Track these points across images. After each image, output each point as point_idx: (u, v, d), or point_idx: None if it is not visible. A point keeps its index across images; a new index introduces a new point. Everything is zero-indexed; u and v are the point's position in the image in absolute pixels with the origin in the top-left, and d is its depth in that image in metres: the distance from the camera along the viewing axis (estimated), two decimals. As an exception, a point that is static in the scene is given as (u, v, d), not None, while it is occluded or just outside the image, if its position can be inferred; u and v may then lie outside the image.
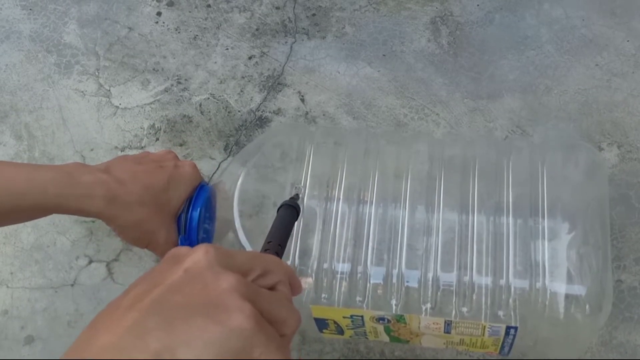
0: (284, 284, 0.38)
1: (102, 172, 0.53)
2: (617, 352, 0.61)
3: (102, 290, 0.66)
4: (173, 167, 0.56)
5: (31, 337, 0.64)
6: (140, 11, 0.83)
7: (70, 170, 0.52)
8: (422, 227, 0.54)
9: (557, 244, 0.52)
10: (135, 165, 0.55)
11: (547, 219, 0.53)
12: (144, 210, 0.53)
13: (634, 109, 0.74)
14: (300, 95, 0.77)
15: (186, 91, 0.77)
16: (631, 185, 0.70)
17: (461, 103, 0.75)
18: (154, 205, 0.54)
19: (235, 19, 0.82)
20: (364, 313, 0.53)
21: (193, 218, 0.56)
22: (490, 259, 0.52)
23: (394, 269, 0.53)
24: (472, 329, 0.53)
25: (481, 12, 0.82)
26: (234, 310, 0.32)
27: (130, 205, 0.52)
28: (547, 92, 0.76)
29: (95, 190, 0.51)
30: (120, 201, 0.52)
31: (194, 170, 0.58)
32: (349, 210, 0.55)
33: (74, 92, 0.77)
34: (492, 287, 0.52)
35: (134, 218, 0.53)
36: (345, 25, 0.81)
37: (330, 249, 0.54)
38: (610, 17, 0.81)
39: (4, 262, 0.67)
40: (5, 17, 0.83)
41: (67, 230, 0.69)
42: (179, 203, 0.56)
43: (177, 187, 0.56)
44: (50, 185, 0.50)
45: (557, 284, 0.51)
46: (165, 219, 0.55)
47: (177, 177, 0.56)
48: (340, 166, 0.57)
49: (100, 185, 0.51)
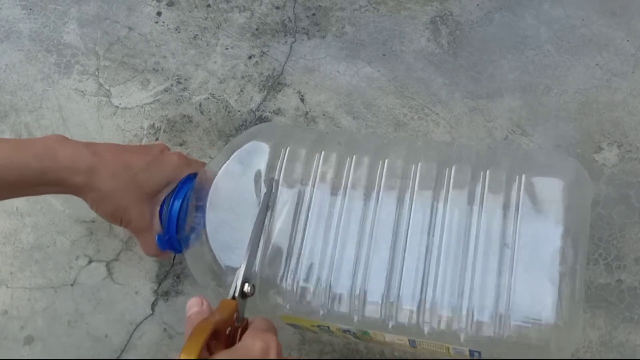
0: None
1: (81, 145, 0.54)
2: (617, 352, 0.61)
3: (102, 290, 0.66)
4: (158, 152, 0.57)
5: (31, 337, 0.64)
6: (140, 11, 0.83)
7: (52, 143, 0.53)
8: (387, 246, 0.52)
9: (525, 270, 0.50)
10: (119, 145, 0.56)
11: (517, 244, 0.51)
12: (119, 184, 0.53)
13: (634, 108, 0.74)
14: (300, 95, 0.77)
15: (186, 91, 0.77)
16: (631, 185, 0.70)
17: (461, 103, 0.75)
18: (130, 181, 0.54)
19: (235, 18, 0.82)
20: (329, 325, 0.53)
21: (173, 208, 0.55)
22: (454, 282, 0.51)
23: (355, 285, 0.52)
24: (437, 347, 0.52)
25: (481, 12, 0.82)
26: None
27: (106, 177, 0.53)
28: (547, 91, 0.76)
29: (77, 163, 0.52)
30: (97, 173, 0.53)
31: (180, 159, 0.58)
32: (317, 223, 0.54)
33: (74, 92, 0.77)
34: (453, 312, 0.50)
35: (109, 188, 0.53)
36: (345, 24, 0.81)
37: (297, 262, 0.53)
38: (610, 17, 0.81)
39: (4, 262, 0.67)
40: (5, 16, 0.83)
41: (67, 230, 0.69)
42: (158, 186, 0.56)
43: (157, 170, 0.56)
44: (33, 159, 0.51)
45: (522, 311, 0.49)
46: (140, 197, 0.55)
47: (159, 161, 0.56)
48: (311, 179, 0.55)
49: (81, 158, 0.53)
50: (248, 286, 0.49)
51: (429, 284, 0.51)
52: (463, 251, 0.51)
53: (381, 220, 0.53)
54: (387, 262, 0.52)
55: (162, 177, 0.56)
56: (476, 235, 0.52)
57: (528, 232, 0.51)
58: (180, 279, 0.67)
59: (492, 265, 0.51)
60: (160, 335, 0.64)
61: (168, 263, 0.67)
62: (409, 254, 0.52)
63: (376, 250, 0.52)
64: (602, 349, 0.62)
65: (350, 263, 0.52)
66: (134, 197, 0.54)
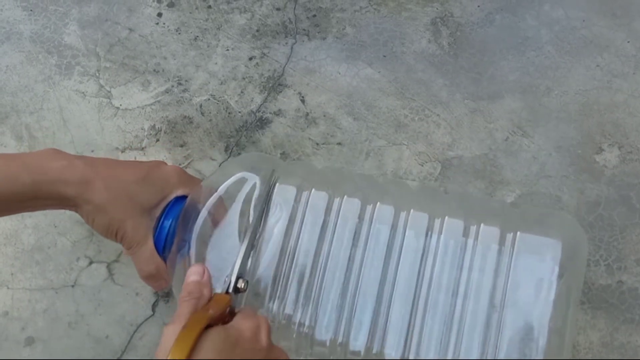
0: None
1: (75, 157, 0.53)
2: (618, 353, 0.61)
3: (102, 291, 0.66)
4: (154, 165, 0.56)
5: (32, 338, 0.64)
6: (141, 12, 0.83)
7: (44, 156, 0.52)
8: (374, 299, 0.52)
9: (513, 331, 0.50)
10: (115, 160, 0.56)
11: (506, 304, 0.51)
12: (113, 196, 0.53)
13: (635, 109, 0.74)
14: (301, 96, 0.77)
15: (187, 92, 0.77)
16: (632, 186, 0.70)
17: (462, 104, 0.75)
18: (125, 194, 0.53)
19: (236, 20, 0.83)
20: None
21: (163, 228, 0.55)
22: (439, 337, 0.51)
23: (339, 334, 0.52)
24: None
25: (481, 13, 0.82)
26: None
27: (100, 189, 0.52)
28: (547, 93, 0.76)
29: (69, 175, 0.51)
30: (91, 185, 0.52)
31: (176, 172, 0.57)
32: (304, 269, 0.53)
33: (74, 93, 0.77)
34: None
35: (102, 201, 0.52)
36: (346, 26, 0.82)
37: (282, 299, 0.53)
38: (610, 18, 0.81)
39: (5, 263, 0.67)
40: (6, 18, 0.83)
41: (67, 231, 0.69)
42: (152, 200, 0.55)
43: (152, 182, 0.55)
44: (24, 172, 0.50)
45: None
46: (134, 210, 0.54)
47: (155, 174, 0.56)
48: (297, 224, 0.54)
49: (73, 170, 0.52)
50: (242, 282, 0.50)
51: (414, 337, 0.51)
52: (450, 306, 0.51)
53: (368, 268, 0.52)
54: (372, 311, 0.52)
55: (157, 191, 0.55)
56: (465, 292, 0.51)
57: (518, 293, 0.50)
58: (180, 280, 0.67)
59: (480, 323, 0.50)
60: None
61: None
62: (395, 304, 0.52)
63: (361, 299, 0.52)
64: (603, 350, 0.62)
65: (334, 310, 0.52)
66: (128, 210, 0.54)
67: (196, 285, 0.47)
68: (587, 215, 0.68)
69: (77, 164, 0.52)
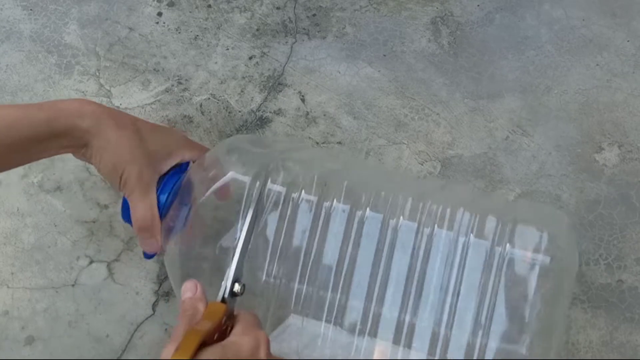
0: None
1: (87, 101, 0.55)
2: (618, 352, 0.62)
3: (102, 291, 0.66)
4: (166, 124, 0.58)
5: (32, 338, 0.64)
6: (141, 11, 0.83)
7: (58, 100, 0.54)
8: (362, 296, 0.52)
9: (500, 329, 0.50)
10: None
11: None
12: (125, 134, 0.53)
13: (635, 108, 0.74)
14: (301, 96, 0.77)
15: (187, 91, 0.77)
16: (632, 185, 0.70)
17: (461, 103, 0.76)
18: (136, 136, 0.54)
19: (236, 19, 0.83)
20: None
21: (159, 202, 0.54)
22: (428, 333, 0.51)
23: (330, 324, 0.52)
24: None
25: (481, 13, 0.82)
26: None
27: (113, 126, 0.53)
28: (547, 92, 0.76)
29: (84, 110, 0.53)
30: (105, 120, 0.53)
31: (184, 136, 0.57)
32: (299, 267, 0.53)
33: (74, 93, 0.77)
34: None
35: (113, 137, 0.53)
36: (346, 25, 0.82)
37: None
38: (610, 18, 0.81)
39: (5, 262, 0.68)
40: (6, 17, 0.83)
41: (67, 230, 0.69)
42: (161, 151, 0.55)
43: (162, 136, 0.56)
44: (39, 111, 0.52)
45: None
46: (142, 156, 0.54)
47: (165, 129, 0.57)
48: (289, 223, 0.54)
49: (89, 106, 0.53)
50: (238, 286, 0.49)
51: (405, 327, 0.51)
52: (439, 300, 0.51)
53: (359, 266, 0.52)
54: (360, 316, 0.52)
55: (167, 144, 0.56)
56: (454, 286, 0.51)
57: (507, 285, 0.50)
58: (181, 279, 0.67)
59: (469, 316, 0.50)
60: (161, 335, 0.64)
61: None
62: (387, 297, 0.51)
63: (354, 291, 0.52)
64: (603, 349, 0.62)
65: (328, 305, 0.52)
66: (136, 154, 0.54)
67: (190, 302, 0.46)
68: (587, 214, 0.68)
69: (90, 103, 0.54)
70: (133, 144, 0.54)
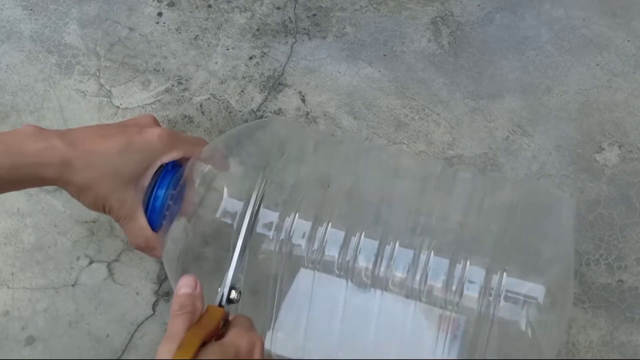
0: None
1: (55, 136, 0.52)
2: (618, 352, 0.62)
3: (103, 291, 0.66)
4: (136, 133, 0.54)
5: (32, 338, 0.64)
6: (141, 12, 0.83)
7: (23, 136, 0.51)
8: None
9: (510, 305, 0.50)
10: (96, 130, 0.54)
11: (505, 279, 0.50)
12: (94, 174, 0.52)
13: (635, 108, 0.74)
14: (301, 96, 0.77)
15: (187, 91, 0.77)
16: (632, 185, 0.70)
17: (462, 103, 0.76)
18: (107, 170, 0.52)
19: (236, 19, 0.83)
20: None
21: (157, 197, 0.54)
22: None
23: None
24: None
25: (482, 12, 0.82)
26: None
27: (81, 169, 0.51)
28: (547, 92, 0.76)
29: (48, 158, 0.51)
30: (71, 166, 0.51)
31: (159, 137, 0.54)
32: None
33: (75, 93, 0.77)
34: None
35: (83, 181, 0.52)
36: (346, 25, 0.82)
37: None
38: (610, 17, 0.81)
39: (5, 262, 0.68)
40: (6, 17, 0.83)
41: (68, 230, 0.69)
42: (137, 170, 0.54)
43: (135, 151, 0.53)
44: (3, 155, 0.50)
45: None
46: (119, 184, 0.53)
47: (137, 141, 0.54)
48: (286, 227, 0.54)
49: (52, 151, 0.51)
50: (235, 292, 0.49)
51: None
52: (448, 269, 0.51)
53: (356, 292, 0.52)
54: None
55: (141, 160, 0.54)
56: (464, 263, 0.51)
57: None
58: (181, 279, 0.67)
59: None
60: (162, 335, 0.64)
61: (169, 263, 0.67)
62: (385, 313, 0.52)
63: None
64: (604, 349, 0.62)
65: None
66: (113, 185, 0.52)
67: (188, 298, 0.46)
68: (587, 214, 0.68)
69: (56, 144, 0.51)
70: (107, 179, 0.52)
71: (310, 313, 0.53)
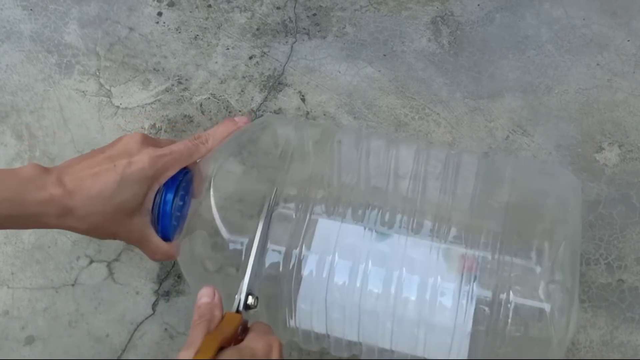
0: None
1: (54, 185, 0.52)
2: (618, 352, 0.61)
3: (103, 290, 0.66)
4: (125, 165, 0.54)
5: (32, 338, 0.64)
6: (141, 11, 0.83)
7: (24, 185, 0.51)
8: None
9: (523, 279, 0.50)
10: (87, 169, 0.54)
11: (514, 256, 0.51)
12: (96, 219, 0.53)
13: (635, 108, 0.74)
14: (301, 95, 0.77)
15: (187, 91, 0.77)
16: (632, 185, 0.70)
17: (462, 103, 0.75)
18: (108, 211, 0.53)
19: (236, 18, 0.83)
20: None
21: (167, 202, 0.54)
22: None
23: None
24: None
25: (482, 12, 0.82)
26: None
27: (81, 217, 0.52)
28: (547, 91, 0.76)
29: (47, 209, 0.51)
30: (71, 215, 0.52)
31: (149, 162, 0.54)
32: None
33: (74, 92, 0.77)
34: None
35: (88, 226, 0.53)
36: (346, 25, 0.82)
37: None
38: (610, 17, 0.81)
39: (5, 262, 0.68)
40: (6, 17, 0.83)
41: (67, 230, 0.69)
42: (136, 201, 0.54)
43: (131, 183, 0.54)
44: (3, 205, 0.50)
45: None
46: (122, 219, 0.54)
47: (129, 176, 0.54)
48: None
49: (52, 203, 0.51)
50: (252, 298, 0.49)
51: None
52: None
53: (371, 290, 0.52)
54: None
55: (139, 190, 0.54)
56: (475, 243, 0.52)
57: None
58: (181, 278, 0.67)
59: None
60: (161, 335, 0.64)
61: (169, 263, 0.67)
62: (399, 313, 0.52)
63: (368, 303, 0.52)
64: (604, 349, 0.62)
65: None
66: (117, 220, 0.53)
67: (207, 307, 0.47)
68: (587, 213, 0.68)
69: (55, 194, 0.51)
70: (109, 219, 0.53)
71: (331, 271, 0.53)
